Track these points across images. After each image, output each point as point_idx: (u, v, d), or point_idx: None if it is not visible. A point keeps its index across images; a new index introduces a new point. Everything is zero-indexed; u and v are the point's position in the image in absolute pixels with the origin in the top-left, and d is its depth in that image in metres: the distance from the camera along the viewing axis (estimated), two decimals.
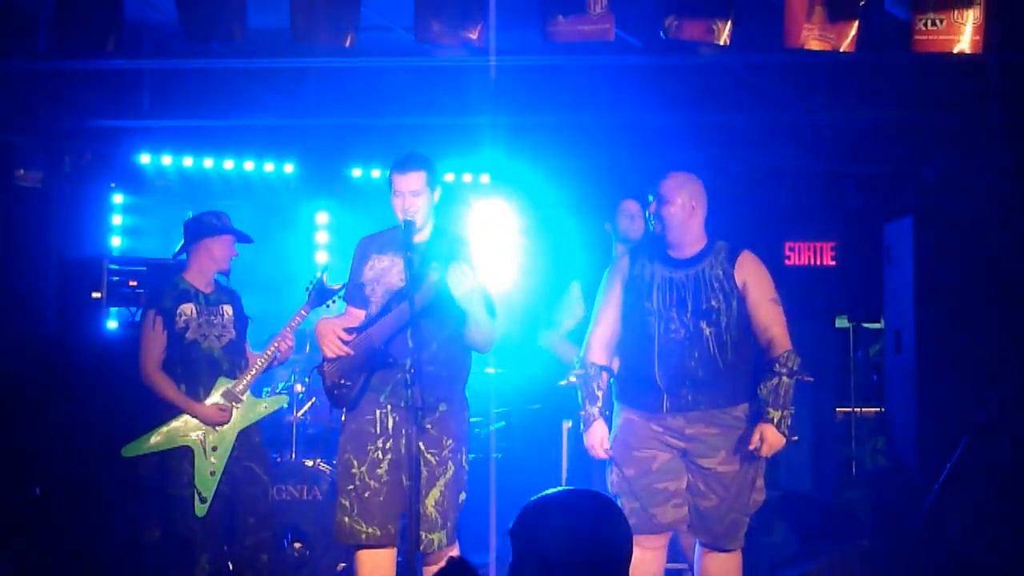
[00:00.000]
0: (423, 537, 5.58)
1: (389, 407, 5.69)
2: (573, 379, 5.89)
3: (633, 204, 7.00)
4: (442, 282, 5.50)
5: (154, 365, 6.53)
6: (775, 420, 5.48)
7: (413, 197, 5.72)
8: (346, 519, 5.68)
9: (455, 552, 5.69)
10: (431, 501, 5.65)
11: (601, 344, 5.84)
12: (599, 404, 5.77)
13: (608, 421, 5.86)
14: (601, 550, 3.08)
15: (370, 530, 5.66)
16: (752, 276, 5.69)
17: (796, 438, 5.67)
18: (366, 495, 5.67)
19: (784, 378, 5.52)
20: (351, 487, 5.68)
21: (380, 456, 5.68)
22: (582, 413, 5.82)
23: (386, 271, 5.78)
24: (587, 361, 5.83)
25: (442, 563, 3.80)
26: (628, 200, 7.05)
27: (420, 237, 5.73)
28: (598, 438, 5.75)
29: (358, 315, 5.86)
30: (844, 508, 8.86)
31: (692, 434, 5.59)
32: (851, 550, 6.97)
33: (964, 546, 6.78)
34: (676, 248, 5.72)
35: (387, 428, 5.70)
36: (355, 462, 5.70)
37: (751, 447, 5.51)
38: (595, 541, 3.08)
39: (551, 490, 3.23)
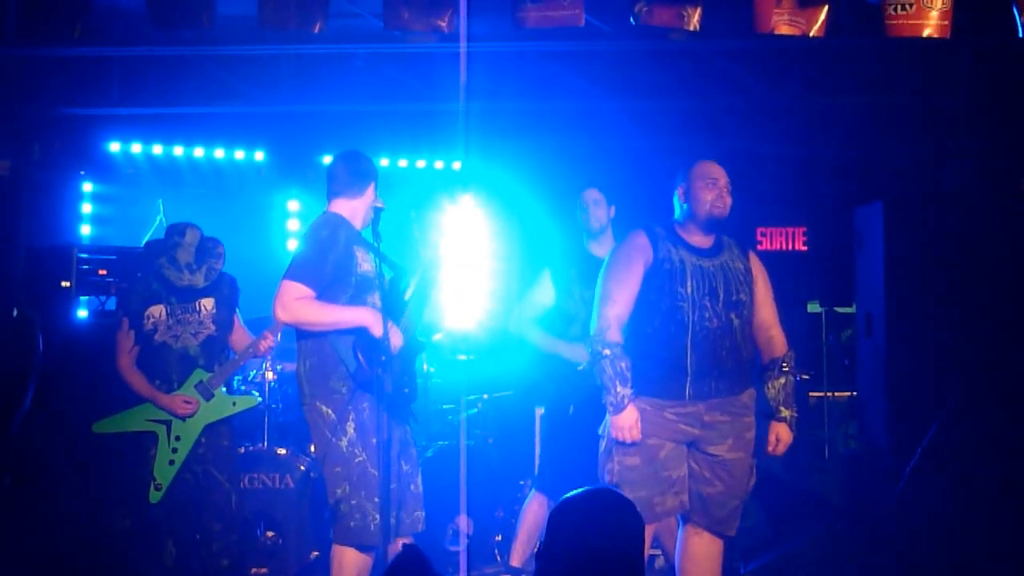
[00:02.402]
0: (419, 516, 5.64)
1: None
2: (607, 354, 5.45)
3: (595, 192, 6.98)
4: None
5: (126, 362, 6.56)
6: (788, 419, 5.64)
7: None
8: (391, 520, 5.50)
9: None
10: (419, 479, 5.71)
11: (619, 324, 5.53)
12: (630, 385, 5.43)
13: None
14: (620, 547, 3.20)
15: (394, 521, 5.56)
16: (761, 274, 5.78)
17: None
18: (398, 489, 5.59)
19: (790, 377, 5.66)
20: (395, 485, 5.52)
21: (397, 449, 5.62)
22: (611, 397, 5.43)
23: (373, 262, 5.64)
24: (610, 340, 5.48)
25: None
26: (590, 189, 7.02)
27: None
28: (635, 420, 5.43)
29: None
30: (817, 492, 8.88)
31: (709, 421, 5.56)
32: (824, 534, 6.99)
33: (936, 529, 6.81)
34: (700, 234, 5.68)
35: (406, 416, 5.68)
36: (403, 462, 5.62)
37: (768, 447, 5.65)
38: (615, 538, 3.19)
39: (577, 490, 3.32)
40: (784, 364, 5.67)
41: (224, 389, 6.62)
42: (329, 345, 5.51)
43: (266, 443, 7.66)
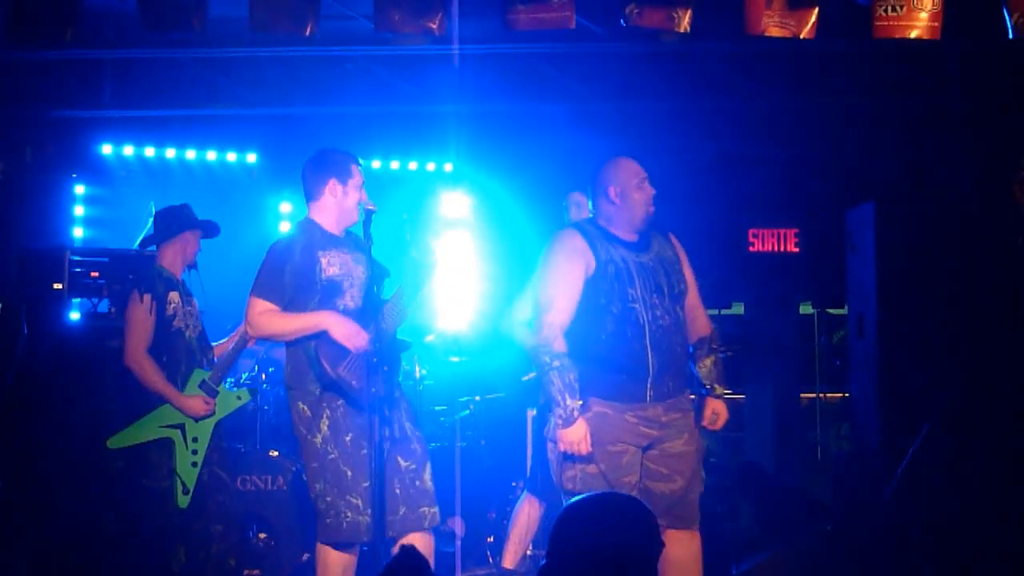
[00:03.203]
0: (426, 512, 5.58)
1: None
2: (555, 365, 5.27)
3: (576, 195, 7.00)
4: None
5: (142, 350, 6.40)
6: (722, 396, 5.59)
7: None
8: (362, 518, 5.46)
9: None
10: (427, 475, 5.66)
11: (563, 332, 5.35)
12: (579, 396, 5.24)
13: None
14: (628, 553, 3.15)
15: (391, 518, 5.54)
16: (684, 255, 5.70)
17: None
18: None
19: (718, 355, 5.63)
20: (367, 484, 5.46)
21: (388, 446, 5.57)
22: (561, 410, 5.24)
23: (348, 264, 5.64)
24: (557, 351, 5.29)
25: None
26: (573, 192, 7.03)
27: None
28: (585, 432, 5.24)
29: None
30: (809, 493, 8.90)
31: (667, 421, 5.46)
32: (815, 534, 7.01)
33: (927, 529, 6.82)
34: (630, 231, 5.57)
35: (384, 415, 5.66)
36: (399, 458, 5.58)
37: (705, 422, 5.56)
38: (622, 543, 3.16)
39: (581, 496, 3.31)
40: (713, 343, 5.63)
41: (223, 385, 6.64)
42: (302, 350, 5.58)
43: (258, 445, 7.67)
